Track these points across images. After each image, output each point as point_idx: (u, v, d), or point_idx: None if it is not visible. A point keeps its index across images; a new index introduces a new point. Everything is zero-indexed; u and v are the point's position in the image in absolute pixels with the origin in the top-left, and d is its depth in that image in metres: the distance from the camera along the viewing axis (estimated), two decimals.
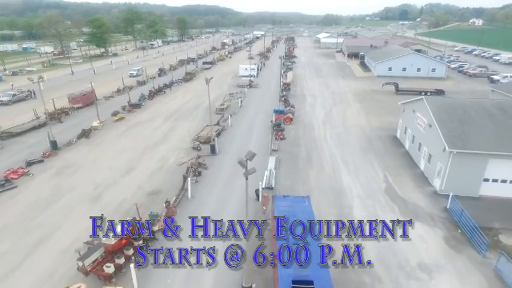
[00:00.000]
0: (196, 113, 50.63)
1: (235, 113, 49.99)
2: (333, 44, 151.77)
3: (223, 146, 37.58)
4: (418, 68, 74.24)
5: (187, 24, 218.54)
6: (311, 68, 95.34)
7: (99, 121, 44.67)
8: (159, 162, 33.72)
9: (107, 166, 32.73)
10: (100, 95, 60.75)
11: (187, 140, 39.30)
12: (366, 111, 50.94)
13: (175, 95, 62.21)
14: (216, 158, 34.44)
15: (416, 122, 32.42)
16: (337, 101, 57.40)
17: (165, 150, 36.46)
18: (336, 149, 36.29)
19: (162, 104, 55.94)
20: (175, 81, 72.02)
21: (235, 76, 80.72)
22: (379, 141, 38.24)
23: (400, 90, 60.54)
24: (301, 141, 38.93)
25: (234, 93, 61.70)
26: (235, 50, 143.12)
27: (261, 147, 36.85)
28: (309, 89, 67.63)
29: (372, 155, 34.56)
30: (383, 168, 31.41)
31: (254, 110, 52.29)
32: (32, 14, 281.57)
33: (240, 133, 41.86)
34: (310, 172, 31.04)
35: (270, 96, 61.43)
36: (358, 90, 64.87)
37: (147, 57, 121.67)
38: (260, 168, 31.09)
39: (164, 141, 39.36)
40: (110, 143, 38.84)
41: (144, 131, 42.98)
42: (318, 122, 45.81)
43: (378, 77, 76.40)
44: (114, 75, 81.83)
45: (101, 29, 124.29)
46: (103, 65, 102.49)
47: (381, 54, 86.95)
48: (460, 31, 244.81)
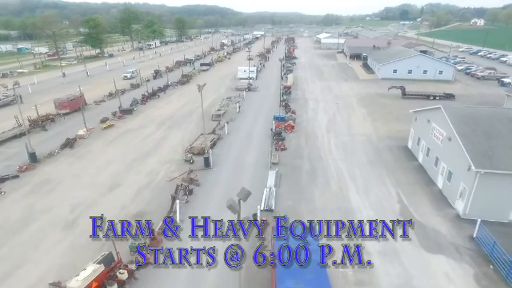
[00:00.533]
0: (191, 119, 47.41)
1: (232, 119, 46.80)
2: (334, 45, 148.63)
3: (219, 157, 34.39)
4: (424, 70, 71.07)
5: (186, 24, 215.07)
6: (312, 69, 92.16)
7: (85, 129, 41.46)
8: (147, 177, 30.52)
9: (89, 182, 29.52)
10: (90, 99, 57.63)
11: (180, 151, 36.09)
12: (372, 117, 47.77)
13: (170, 99, 59.01)
14: (210, 173, 31.24)
15: (431, 134, 29.24)
16: (340, 105, 54.21)
17: (154, 163, 33.26)
18: (342, 162, 33.09)
19: (155, 109, 52.72)
20: (170, 84, 68.81)
21: (234, 78, 77.52)
22: (388, 153, 35.04)
23: (407, 94, 57.34)
24: (304, 151, 35.75)
25: (231, 97, 58.52)
26: (234, 50, 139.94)
27: (259, 159, 33.70)
28: (311, 92, 64.46)
29: (382, 168, 31.36)
30: (395, 185, 28.22)
31: (253, 116, 49.09)
32: (30, 14, 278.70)
33: (238, 142, 38.67)
34: (315, 190, 27.84)
35: (269, 100, 58.24)
36: (362, 94, 61.69)
37: (144, 58, 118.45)
38: (258, 185, 28.02)
39: (154, 152, 36.15)
40: (95, 154, 35.62)
41: (133, 140, 39.76)
42: (321, 130, 42.63)
43: (382, 80, 73.21)
44: (108, 78, 78.43)
45: (96, 29, 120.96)
46: (97, 66, 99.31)
47: (384, 55, 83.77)
48: (461, 31, 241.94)
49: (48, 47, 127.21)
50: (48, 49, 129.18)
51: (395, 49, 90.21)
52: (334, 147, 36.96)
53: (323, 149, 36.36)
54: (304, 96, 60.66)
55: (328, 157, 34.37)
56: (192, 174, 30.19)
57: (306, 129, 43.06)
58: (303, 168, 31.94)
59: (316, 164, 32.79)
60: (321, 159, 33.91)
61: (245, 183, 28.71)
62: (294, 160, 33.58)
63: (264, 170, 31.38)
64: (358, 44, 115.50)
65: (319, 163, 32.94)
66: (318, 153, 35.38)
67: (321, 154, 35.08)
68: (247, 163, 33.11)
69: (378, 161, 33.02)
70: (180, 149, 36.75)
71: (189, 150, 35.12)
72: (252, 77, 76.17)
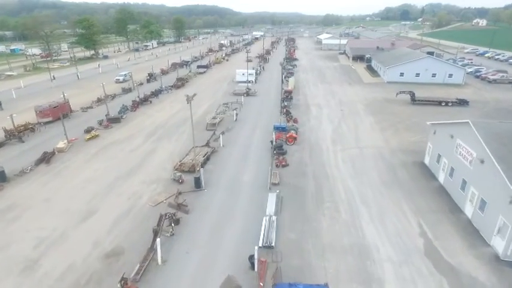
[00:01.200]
0: (184, 129, 43.48)
1: (229, 129, 42.88)
2: (336, 46, 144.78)
3: (212, 175, 30.49)
4: (433, 73, 67.16)
5: (184, 25, 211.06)
6: (314, 72, 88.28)
7: (66, 141, 37.56)
8: (129, 201, 26.60)
9: (61, 207, 25.59)
10: (77, 105, 53.79)
11: (169, 168, 32.17)
12: (381, 126, 43.89)
13: (162, 106, 55.07)
14: (202, 195, 27.32)
15: (456, 152, 25.34)
16: (346, 112, 50.31)
17: (139, 183, 29.33)
18: (352, 181, 29.18)
19: (146, 117, 48.77)
20: (164, 88, 64.88)
21: (232, 82, 73.63)
22: (403, 170, 31.14)
23: (417, 100, 53.43)
24: (308, 168, 31.83)
25: (228, 103, 54.58)
26: (233, 51, 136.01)
27: (258, 178, 29.79)
28: (313, 97, 60.56)
29: (398, 190, 27.46)
30: (415, 213, 24.31)
31: (251, 124, 45.17)
32: (28, 14, 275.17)
33: (234, 157, 34.76)
34: (322, 218, 23.93)
35: (269, 106, 54.32)
36: (369, 99, 57.79)
37: (140, 59, 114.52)
38: (256, 212, 24.13)
39: (140, 168, 32.22)
40: (73, 172, 31.68)
41: (118, 153, 35.83)
42: (326, 141, 38.72)
43: (388, 83, 69.34)
44: (100, 81, 74.08)
45: (90, 29, 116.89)
46: (90, 68, 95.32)
47: (390, 57, 79.85)
48: (464, 31, 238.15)
49: (41, 48, 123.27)
50: (41, 50, 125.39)
51: (400, 51, 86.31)
52: (342, 162, 33.05)
53: (329, 165, 32.46)
54: (306, 102, 56.75)
55: (336, 175, 30.47)
56: (181, 198, 26.34)
57: (309, 140, 39.16)
58: (308, 189, 28.04)
59: (323, 183, 28.89)
60: (327, 177, 30.00)
61: (241, 209, 24.96)
62: (297, 179, 29.68)
63: (263, 191, 27.49)
64: (360, 45, 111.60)
65: (326, 183, 29.04)
66: (323, 170, 31.47)
67: (327, 171, 31.17)
68: (244, 183, 29.21)
69: (392, 181, 29.11)
70: (169, 165, 32.83)
71: (178, 168, 31.21)
72: (251, 81, 72.39)
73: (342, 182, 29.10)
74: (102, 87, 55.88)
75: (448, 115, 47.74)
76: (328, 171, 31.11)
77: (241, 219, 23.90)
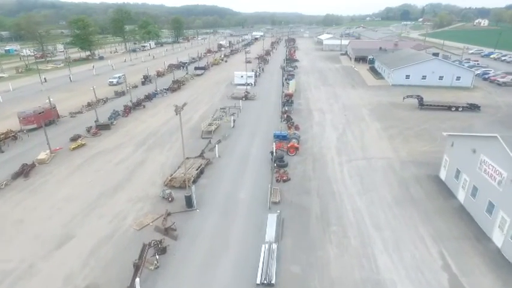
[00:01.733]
0: (178, 136, 40.34)
1: (225, 136, 39.96)
2: (337, 46, 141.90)
3: (206, 192, 27.59)
4: (440, 76, 64.26)
5: (183, 25, 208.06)
6: (315, 73, 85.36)
7: (48, 151, 34.64)
8: (112, 223, 23.67)
9: (34, 232, 22.65)
10: (67, 110, 51.01)
11: (159, 182, 29.26)
12: (389, 133, 40.98)
13: (156, 110, 52.13)
14: (193, 217, 24.38)
15: (480, 169, 22.43)
16: (350, 118, 47.40)
17: (124, 201, 26.40)
18: (360, 200, 26.26)
19: (138, 123, 45.84)
20: (159, 91, 61.95)
21: (230, 84, 70.74)
22: (417, 185, 28.22)
23: (425, 104, 50.50)
24: (312, 183, 28.91)
25: (226, 107, 51.67)
26: (232, 52, 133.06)
27: (257, 194, 26.88)
28: (315, 101, 57.65)
29: (413, 211, 24.54)
30: (435, 239, 21.39)
31: (250, 132, 42.23)
32: (26, 14, 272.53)
33: (230, 170, 31.81)
34: (329, 246, 21.00)
35: (269, 111, 51.40)
36: (373, 104, 54.88)
37: (136, 60, 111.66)
38: (254, 238, 21.23)
39: (127, 183, 29.29)
40: (53, 187, 28.75)
41: (104, 165, 32.89)
42: (331, 151, 35.79)
43: (393, 86, 66.47)
44: (93, 83, 71.71)
45: (85, 30, 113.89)
46: (84, 70, 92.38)
47: (394, 59, 76.95)
48: (466, 32, 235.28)
49: (36, 48, 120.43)
50: (36, 51, 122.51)
51: (405, 52, 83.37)
52: (348, 176, 30.13)
53: (335, 180, 29.53)
54: (308, 107, 53.81)
55: (342, 192, 27.54)
56: (169, 221, 23.42)
57: (312, 150, 36.24)
58: (312, 209, 25.11)
59: (328, 202, 25.97)
60: (333, 195, 27.08)
61: (237, 234, 22.09)
62: (299, 196, 26.76)
63: (261, 211, 24.59)
64: (363, 46, 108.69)
65: (332, 201, 26.12)
66: (329, 185, 28.55)
67: (333, 187, 28.25)
68: (240, 201, 26.28)
69: (405, 199, 26.19)
70: (160, 179, 29.92)
71: (168, 183, 28.28)
72: (250, 83, 69.45)
73: (350, 200, 26.18)
74: (93, 90, 52.99)
75: (459, 121, 44.93)
76: (334, 187, 28.18)
77: (237, 247, 20.99)
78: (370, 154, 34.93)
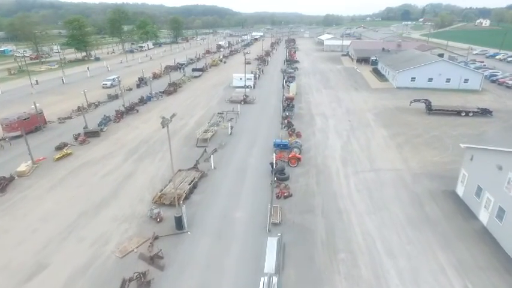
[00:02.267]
0: (171, 144, 37.87)
1: (222, 145, 37.31)
2: (338, 47, 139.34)
3: (199, 210, 24.97)
4: (447, 78, 61.63)
5: (182, 25, 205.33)
6: (316, 75, 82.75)
7: (30, 162, 32.03)
8: (92, 248, 21.03)
9: (2, 261, 20.01)
10: (56, 115, 48.47)
11: (147, 199, 26.65)
12: (396, 141, 38.36)
13: (150, 115, 49.44)
14: (183, 241, 21.76)
15: (508, 189, 19.81)
16: (354, 124, 44.78)
17: (107, 221, 23.78)
18: (370, 220, 23.63)
19: (130, 130, 43.21)
20: (154, 94, 59.31)
21: (228, 87, 68.14)
22: (432, 203, 25.58)
23: (434, 109, 47.85)
24: (316, 200, 26.29)
25: (224, 112, 49.06)
26: (231, 53, 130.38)
27: (255, 214, 24.25)
28: (317, 104, 55.03)
29: (430, 234, 21.91)
30: (458, 270, 18.77)
31: (248, 139, 39.59)
32: (20, 14, 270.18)
33: (226, 184, 29.19)
34: (337, 278, 18.39)
35: (269, 116, 48.80)
36: (378, 108, 52.25)
37: (133, 61, 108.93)
38: (252, 266, 18.58)
39: (113, 200, 26.66)
40: (31, 204, 26.12)
41: (90, 178, 30.25)
42: (336, 162, 33.16)
43: (398, 89, 63.85)
44: (87, 86, 69.13)
45: (80, 30, 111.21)
46: (79, 71, 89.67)
47: (399, 60, 74.34)
48: (467, 32, 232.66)
49: (30, 49, 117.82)
50: (31, 51, 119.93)
51: (410, 53, 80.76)
52: (356, 191, 27.50)
53: (341, 196, 26.91)
54: (309, 111, 51.18)
55: (350, 210, 24.92)
56: (156, 246, 20.79)
57: (315, 160, 33.61)
58: (317, 231, 22.49)
59: (335, 223, 23.33)
60: (340, 213, 24.45)
61: (232, 262, 19.47)
62: (302, 216, 24.13)
63: (260, 234, 21.99)
64: (365, 47, 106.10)
65: (339, 221, 23.49)
66: (334, 202, 25.93)
67: (339, 204, 25.63)
68: (237, 222, 23.65)
69: (420, 219, 23.56)
70: (149, 194, 27.31)
71: (157, 200, 25.66)
72: (249, 86, 66.85)
73: (359, 221, 23.54)
74: (84, 94, 50.31)
75: (471, 127, 42.35)
76: (340, 205, 25.55)
77: (232, 281, 18.37)
78: (378, 165, 32.30)
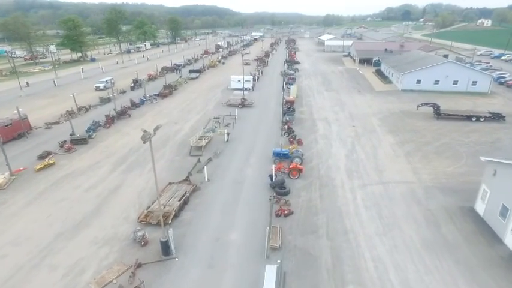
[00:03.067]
0: (164, 152, 35.36)
1: (217, 153, 34.72)
2: (339, 47, 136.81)
3: (189, 231, 22.36)
4: (455, 80, 59.05)
5: (181, 25, 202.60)
6: (317, 77, 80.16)
7: (7, 173, 29.44)
8: (65, 278, 18.43)
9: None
10: (43, 119, 45.90)
11: (132, 217, 24.05)
12: (405, 149, 35.76)
13: (142, 120, 46.86)
14: (170, 269, 19.14)
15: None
16: (359, 129, 42.20)
17: (86, 244, 21.17)
18: (381, 243, 21.02)
19: (120, 136, 40.61)
20: (148, 97, 56.71)
21: (226, 89, 65.60)
22: (449, 223, 22.96)
23: (442, 114, 45.26)
24: (319, 219, 23.67)
25: (220, 117, 46.55)
26: (230, 54, 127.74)
27: (252, 235, 21.63)
28: (319, 108, 52.44)
29: (451, 261, 19.30)
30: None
31: (246, 147, 36.99)
32: (23, 14, 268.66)
33: (221, 198, 26.58)
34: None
35: (268, 121, 46.23)
36: (384, 112, 49.67)
37: (129, 62, 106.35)
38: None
39: (94, 218, 24.03)
40: (2, 224, 23.45)
41: (71, 193, 27.64)
42: (340, 173, 30.57)
43: (403, 92, 61.24)
44: (79, 88, 66.79)
45: (75, 30, 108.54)
46: (72, 73, 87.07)
47: (403, 61, 71.75)
48: (469, 32, 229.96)
49: (24, 49, 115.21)
50: (26, 52, 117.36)
51: (414, 54, 78.15)
52: (364, 208, 24.90)
53: (347, 213, 24.30)
54: (311, 116, 48.60)
55: (358, 231, 22.31)
56: (138, 277, 18.19)
57: (318, 171, 31.02)
58: (321, 257, 19.89)
59: (341, 246, 20.73)
60: (346, 235, 21.85)
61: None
62: (305, 238, 21.54)
63: (257, 262, 19.40)
64: (367, 47, 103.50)
65: (346, 245, 20.88)
66: (340, 221, 23.33)
67: (346, 224, 23.03)
68: (231, 246, 21.03)
69: (438, 243, 20.96)
70: (134, 211, 24.71)
71: (143, 219, 23.05)
72: (248, 88, 64.27)
73: (368, 244, 20.94)
74: (73, 98, 47.78)
75: (484, 134, 39.75)
76: (346, 224, 22.95)
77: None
78: (387, 177, 29.69)
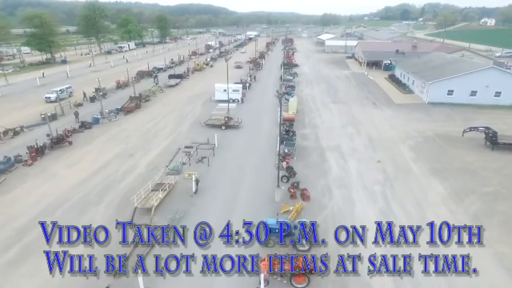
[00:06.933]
0: (93, 214, 22.40)
1: (175, 219, 21.83)
2: (341, 48, 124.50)
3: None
4: (497, 91, 46.69)
5: (169, 24, 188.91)
6: (320, 83, 67.56)
7: None
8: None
9: None
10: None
11: None
12: (467, 207, 23.19)
13: (86, 150, 33.84)
14: None
15: None
16: (388, 168, 29.55)
17: None
18: None
19: (41, 182, 27.47)
20: (106, 113, 43.74)
21: (209, 100, 52.85)
22: None
23: (501, 142, 32.76)
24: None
25: (193, 146, 33.76)
26: (221, 55, 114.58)
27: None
28: (327, 130, 39.82)
29: None
30: None
31: (221, 208, 24.08)
32: (10, 12, 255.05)
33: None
34: None
35: (259, 153, 33.43)
36: (413, 136, 37.14)
37: (105, 65, 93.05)
38: None
39: None
40: None
41: None
42: (377, 265, 17.85)
43: (431, 105, 48.73)
44: (28, 99, 53.88)
45: (43, 28, 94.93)
46: (31, 78, 73.26)
47: (425, 66, 59.31)
48: (473, 31, 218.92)
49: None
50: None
51: (438, 57, 65.54)
52: None
53: None
54: (318, 142, 35.91)
55: None
56: None
57: (336, 259, 18.27)
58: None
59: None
60: None
61: None
62: None
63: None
64: (375, 48, 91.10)
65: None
66: None
67: None
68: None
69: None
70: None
71: None
72: (236, 99, 51.65)
73: None
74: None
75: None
76: None
77: None
78: (455, 279, 17.02)
